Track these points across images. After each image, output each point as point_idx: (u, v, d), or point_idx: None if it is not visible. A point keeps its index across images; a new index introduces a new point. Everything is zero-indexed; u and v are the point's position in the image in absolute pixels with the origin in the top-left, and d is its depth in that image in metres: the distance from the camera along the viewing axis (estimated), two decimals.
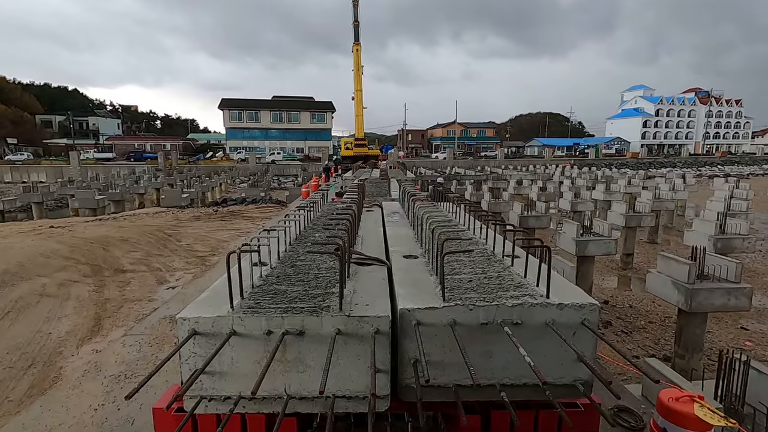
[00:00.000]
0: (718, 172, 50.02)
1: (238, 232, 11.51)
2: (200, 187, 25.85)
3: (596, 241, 10.59)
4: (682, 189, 22.42)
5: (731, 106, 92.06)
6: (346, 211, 3.26)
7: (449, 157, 57.65)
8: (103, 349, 5.12)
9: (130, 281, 7.69)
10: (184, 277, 8.02)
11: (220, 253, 9.34)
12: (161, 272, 8.39)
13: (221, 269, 8.20)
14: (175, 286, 7.55)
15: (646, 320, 10.51)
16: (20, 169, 43.73)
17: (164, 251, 9.64)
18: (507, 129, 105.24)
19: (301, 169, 44.66)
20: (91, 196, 19.43)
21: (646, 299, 11.82)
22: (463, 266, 2.22)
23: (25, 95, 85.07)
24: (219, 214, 15.36)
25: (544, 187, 21.82)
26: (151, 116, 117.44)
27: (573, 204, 18.01)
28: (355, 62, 31.34)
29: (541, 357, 1.58)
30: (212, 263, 8.80)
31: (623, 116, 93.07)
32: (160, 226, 11.95)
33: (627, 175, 32.62)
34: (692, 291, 6.90)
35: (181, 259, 9.12)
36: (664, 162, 60.92)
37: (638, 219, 14.55)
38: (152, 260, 8.96)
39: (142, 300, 6.88)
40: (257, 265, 2.12)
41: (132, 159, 55.34)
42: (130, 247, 9.44)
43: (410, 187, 7.44)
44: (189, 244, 10.13)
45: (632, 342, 9.11)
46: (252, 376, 1.48)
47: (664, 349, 8.97)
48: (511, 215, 14.54)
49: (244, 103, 70.26)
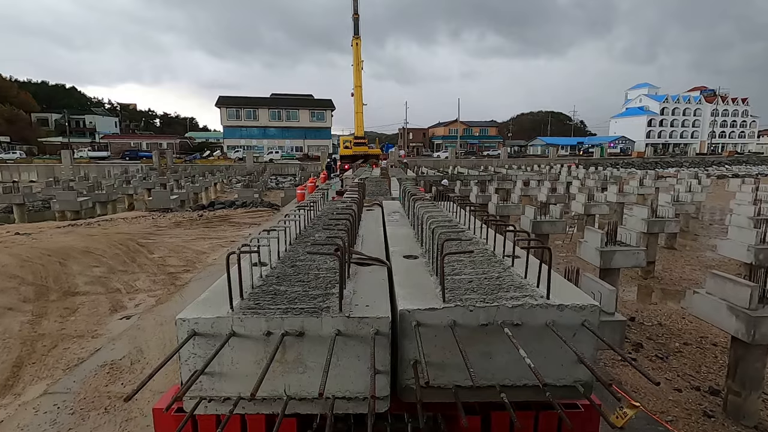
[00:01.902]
0: (726, 171, 48.97)
1: (221, 242, 10.30)
2: (191, 188, 24.63)
3: (624, 251, 9.41)
4: (700, 190, 21.21)
5: (737, 104, 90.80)
6: (346, 211, 3.20)
7: (451, 157, 56.67)
8: (6, 418, 3.87)
9: (79, 308, 6.49)
10: (146, 301, 6.80)
11: (195, 268, 8.14)
12: (120, 295, 7.21)
13: (193, 290, 6.99)
14: (130, 315, 6.36)
15: (680, 341, 9.32)
16: (11, 168, 42.64)
17: (130, 266, 8.46)
18: (509, 128, 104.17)
19: (299, 169, 43.55)
20: (73, 198, 18.26)
21: (674, 315, 10.66)
22: (464, 267, 2.19)
23: (21, 93, 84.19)
24: (203, 220, 14.19)
25: (554, 188, 20.64)
26: (150, 114, 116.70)
27: (587, 207, 16.84)
28: (354, 57, 30.19)
29: (541, 358, 1.58)
30: (183, 282, 7.56)
31: (628, 115, 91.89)
32: (133, 234, 10.75)
33: (637, 175, 31.45)
34: (756, 319, 5.72)
35: (148, 276, 7.96)
36: (671, 161, 59.92)
37: (661, 224, 13.40)
38: (113, 279, 7.79)
39: (84, 336, 5.66)
40: (257, 265, 2.09)
41: (127, 158, 54.43)
42: (92, 261, 8.25)
43: (411, 186, 7.09)
44: (162, 257, 8.95)
45: (670, 370, 7.93)
46: (252, 376, 1.48)
47: (707, 378, 7.78)
48: (523, 220, 13.36)
49: (242, 100, 69.07)
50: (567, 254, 15.67)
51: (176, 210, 18.43)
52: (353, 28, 30.15)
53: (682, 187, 21.31)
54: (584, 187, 22.33)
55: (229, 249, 10.69)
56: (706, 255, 16.03)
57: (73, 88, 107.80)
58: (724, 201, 27.03)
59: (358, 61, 30.37)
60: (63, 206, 18.02)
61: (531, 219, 12.80)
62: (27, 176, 40.90)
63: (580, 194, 17.63)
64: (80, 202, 18.34)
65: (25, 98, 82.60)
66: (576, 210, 17.28)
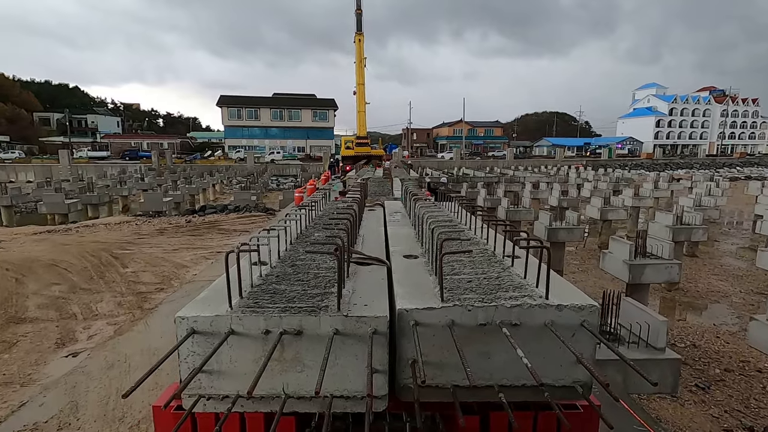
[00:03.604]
0: (738, 173, 47.87)
1: (206, 253, 9.26)
2: (188, 189, 23.74)
3: (655, 265, 8.41)
4: (720, 194, 20.10)
5: (747, 105, 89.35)
6: (346, 211, 3.13)
7: (456, 157, 55.78)
8: None
9: (20, 340, 5.48)
10: (103, 331, 5.78)
11: (170, 286, 7.12)
12: (74, 323, 6.17)
13: (163, 315, 6.02)
14: (79, 351, 5.29)
15: (720, 366, 8.29)
16: (8, 168, 42.04)
17: (96, 284, 7.47)
18: (513, 128, 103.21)
19: (300, 170, 42.71)
20: (61, 200, 17.36)
21: (707, 334, 9.63)
22: (463, 266, 2.17)
23: (23, 92, 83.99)
24: (190, 227, 13.13)
25: (565, 191, 19.62)
26: (153, 114, 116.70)
27: (603, 212, 15.80)
28: (357, 53, 29.29)
29: (540, 358, 1.58)
30: (153, 305, 6.54)
31: (635, 115, 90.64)
32: (110, 243, 9.73)
33: (649, 177, 30.37)
34: None
35: (114, 297, 6.97)
36: (681, 163, 58.88)
37: (688, 232, 12.38)
38: (72, 300, 6.79)
39: (13, 383, 4.62)
40: (257, 264, 2.03)
41: (127, 158, 53.90)
42: (54, 277, 7.25)
43: (413, 186, 7.08)
44: (135, 272, 7.96)
45: (715, 404, 6.90)
46: (250, 375, 1.44)
47: (760, 414, 6.76)
48: (537, 226, 12.35)
49: (244, 100, 68.35)
50: (581, 262, 14.68)
51: (169, 214, 17.50)
52: (356, 24, 29.33)
53: (702, 191, 20.23)
54: (597, 190, 21.30)
55: (213, 261, 9.69)
56: (731, 263, 14.98)
57: (76, 88, 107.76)
58: (741, 204, 25.94)
59: (361, 58, 29.50)
60: (50, 209, 17.12)
61: (546, 225, 11.82)
62: (24, 176, 40.28)
63: (595, 198, 16.59)
64: (68, 205, 17.43)
65: (27, 98, 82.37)
66: (591, 215, 16.29)
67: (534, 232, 12.13)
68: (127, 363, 4.60)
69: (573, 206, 18.12)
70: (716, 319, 10.59)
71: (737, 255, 15.85)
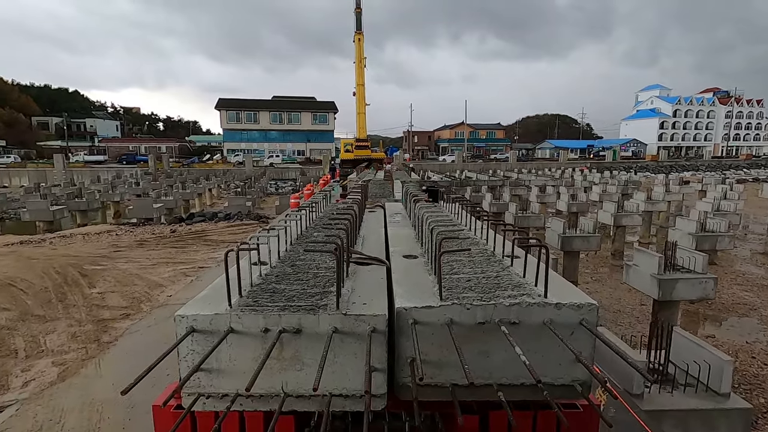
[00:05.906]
0: (745, 175, 47.07)
1: (187, 268, 8.28)
2: (181, 195, 22.88)
3: (689, 279, 7.52)
4: (736, 198, 19.18)
5: (752, 106, 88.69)
6: (346, 211, 3.14)
7: (458, 160, 55.06)
8: None
9: None
10: (45, 374, 4.77)
11: (140, 311, 6.14)
12: (12, 362, 5.21)
13: (123, 350, 4.99)
14: (5, 405, 4.30)
15: (765, 395, 7.39)
16: (2, 173, 41.36)
17: (54, 309, 6.54)
18: (515, 131, 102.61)
19: (299, 173, 41.93)
20: (45, 207, 16.52)
21: (741, 353, 8.74)
22: (462, 266, 2.15)
23: (22, 96, 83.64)
24: (174, 237, 12.16)
25: (574, 195, 18.74)
26: (153, 118, 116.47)
27: (616, 218, 14.90)
28: (357, 53, 28.56)
29: (539, 357, 1.56)
30: (114, 336, 5.58)
31: (639, 117, 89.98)
32: (81, 257, 8.79)
33: (656, 180, 29.49)
34: None
35: (70, 326, 6.01)
36: (686, 165, 58.12)
37: (712, 240, 11.47)
38: (19, 331, 5.82)
39: None
40: (257, 264, 2.04)
41: (124, 162, 53.15)
42: (6, 300, 6.27)
43: (413, 188, 6.89)
44: (102, 293, 7.02)
45: None
46: (249, 373, 1.39)
47: None
48: (549, 234, 11.46)
49: (242, 103, 67.68)
50: (594, 270, 13.83)
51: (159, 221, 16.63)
52: (356, 23, 28.63)
53: (717, 194, 19.32)
54: (606, 194, 20.41)
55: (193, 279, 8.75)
56: (753, 272, 14.08)
57: (75, 92, 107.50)
58: (755, 208, 25.04)
59: (361, 58, 28.76)
60: (33, 216, 16.26)
61: (559, 233, 10.93)
62: (18, 181, 39.53)
63: (607, 203, 15.70)
64: (53, 212, 16.59)
65: (25, 102, 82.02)
66: (603, 220, 15.41)
67: (546, 239, 11.28)
68: (61, 424, 3.71)
69: (583, 211, 17.24)
70: (748, 336, 9.68)
71: (758, 262, 14.96)
